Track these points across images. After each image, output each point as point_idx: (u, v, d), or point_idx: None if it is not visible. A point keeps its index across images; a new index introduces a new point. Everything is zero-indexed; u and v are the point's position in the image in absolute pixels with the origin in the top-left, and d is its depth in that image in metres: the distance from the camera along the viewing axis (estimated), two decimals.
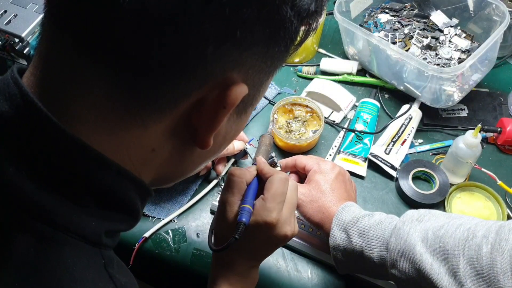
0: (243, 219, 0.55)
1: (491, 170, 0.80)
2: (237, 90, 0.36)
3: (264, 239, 0.58)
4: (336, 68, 1.01)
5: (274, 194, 0.57)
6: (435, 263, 0.55)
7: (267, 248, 0.61)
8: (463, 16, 0.99)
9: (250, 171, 0.61)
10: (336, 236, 0.65)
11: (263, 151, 0.72)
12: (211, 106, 0.36)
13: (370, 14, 1.04)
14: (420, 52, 0.93)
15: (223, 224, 0.58)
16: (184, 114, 0.36)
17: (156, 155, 0.39)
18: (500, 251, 0.50)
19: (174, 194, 0.83)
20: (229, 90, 0.35)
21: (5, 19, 0.88)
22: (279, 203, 0.57)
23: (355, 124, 0.92)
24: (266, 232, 0.57)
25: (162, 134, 0.37)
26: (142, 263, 0.77)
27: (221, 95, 0.36)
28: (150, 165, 0.40)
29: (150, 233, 0.78)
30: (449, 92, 0.90)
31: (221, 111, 0.36)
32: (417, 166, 0.85)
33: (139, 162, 0.38)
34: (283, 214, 0.58)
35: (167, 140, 0.38)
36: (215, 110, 0.36)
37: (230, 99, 0.36)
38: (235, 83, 0.36)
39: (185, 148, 0.40)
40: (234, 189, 0.58)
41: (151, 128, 0.36)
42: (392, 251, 0.59)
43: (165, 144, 0.38)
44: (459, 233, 0.55)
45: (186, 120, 0.37)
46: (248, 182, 0.60)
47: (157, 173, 0.41)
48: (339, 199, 0.69)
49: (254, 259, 0.62)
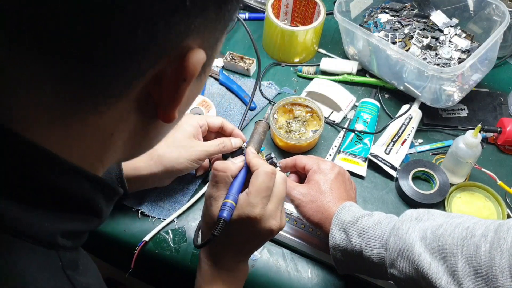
0: (224, 214, 0.54)
1: (491, 170, 0.80)
2: (195, 58, 0.33)
3: (249, 234, 0.58)
4: (336, 68, 1.01)
5: (258, 188, 0.57)
6: (434, 262, 0.55)
7: (253, 243, 0.61)
8: (463, 16, 0.99)
9: (235, 163, 0.60)
10: (336, 236, 0.65)
11: (255, 140, 0.70)
12: (170, 81, 0.34)
13: (370, 14, 1.04)
14: (420, 52, 0.93)
15: (209, 219, 0.58)
16: (141, 92, 0.34)
17: (116, 138, 0.37)
18: (499, 250, 0.50)
19: (174, 194, 0.83)
20: (187, 61, 0.33)
21: None
22: (263, 197, 0.57)
23: (355, 124, 0.92)
24: (250, 227, 0.57)
25: (120, 117, 0.35)
26: (142, 263, 0.77)
27: (179, 68, 0.33)
28: (111, 149, 0.37)
29: (150, 236, 0.78)
30: (449, 92, 0.90)
31: (182, 84, 0.34)
32: (417, 166, 0.85)
33: (98, 151, 0.37)
34: (268, 209, 0.57)
35: (126, 121, 0.36)
36: (176, 84, 0.34)
37: (189, 69, 0.34)
38: (191, 51, 0.33)
39: (148, 124, 0.38)
40: (219, 184, 0.58)
41: (107, 113, 0.34)
42: (391, 250, 0.59)
43: (124, 126, 0.36)
44: (457, 232, 0.55)
45: (145, 97, 0.35)
46: (233, 175, 0.59)
47: (122, 153, 0.39)
48: (338, 199, 0.69)
49: (240, 254, 0.62)
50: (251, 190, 0.57)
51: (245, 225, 0.57)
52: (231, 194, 0.57)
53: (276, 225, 0.58)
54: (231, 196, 0.57)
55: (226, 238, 0.55)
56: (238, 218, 0.56)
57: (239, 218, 0.56)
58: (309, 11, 1.04)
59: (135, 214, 0.81)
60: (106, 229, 0.79)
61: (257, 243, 0.62)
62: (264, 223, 0.57)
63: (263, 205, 0.57)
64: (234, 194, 0.57)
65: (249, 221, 0.56)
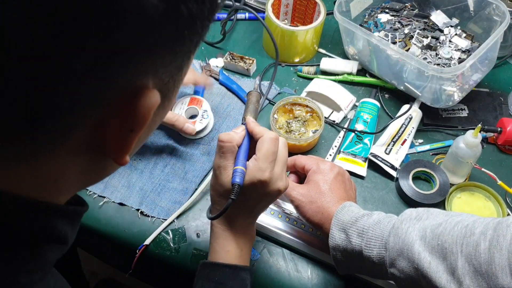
0: (237, 180, 0.58)
1: (491, 170, 0.80)
2: (144, 105, 0.30)
3: (260, 196, 0.62)
4: (336, 68, 1.01)
5: (266, 154, 0.60)
6: (434, 261, 0.55)
7: (263, 204, 0.65)
8: (463, 16, 0.99)
9: (238, 132, 0.64)
10: (335, 236, 0.65)
11: (251, 110, 0.71)
12: (115, 131, 0.31)
13: (370, 14, 1.04)
14: (420, 52, 0.93)
15: (219, 188, 0.61)
16: (84, 139, 0.31)
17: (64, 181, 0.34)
18: (498, 248, 0.50)
19: (174, 194, 0.84)
20: (134, 109, 0.30)
21: None
22: (270, 162, 0.61)
23: (355, 124, 0.92)
24: (261, 189, 0.61)
25: (61, 165, 0.32)
26: (142, 264, 0.77)
27: (125, 116, 0.30)
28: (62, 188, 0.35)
29: (150, 239, 0.78)
30: (449, 92, 0.90)
31: (128, 134, 0.31)
32: (417, 166, 0.85)
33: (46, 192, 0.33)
34: (275, 172, 0.61)
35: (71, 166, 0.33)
36: (122, 134, 0.31)
37: (137, 119, 0.30)
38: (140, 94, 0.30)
39: (98, 162, 0.35)
40: (226, 154, 0.61)
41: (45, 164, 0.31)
42: (391, 250, 0.59)
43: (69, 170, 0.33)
44: (457, 231, 0.55)
45: (91, 142, 0.31)
46: (238, 144, 0.62)
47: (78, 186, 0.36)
48: (338, 199, 0.69)
49: (250, 216, 0.65)
50: (259, 156, 0.61)
51: (256, 189, 0.60)
52: (240, 161, 0.61)
53: (283, 185, 0.62)
54: (240, 163, 0.61)
55: (238, 203, 0.59)
56: (249, 183, 0.60)
57: (250, 182, 0.60)
58: (309, 11, 1.04)
59: (135, 214, 0.81)
60: (106, 229, 0.79)
61: (266, 204, 0.66)
62: (273, 185, 0.61)
63: (271, 169, 0.61)
64: (242, 160, 0.61)
65: (260, 184, 0.60)
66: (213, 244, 0.65)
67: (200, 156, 0.88)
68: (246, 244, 0.66)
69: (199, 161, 0.87)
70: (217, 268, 0.62)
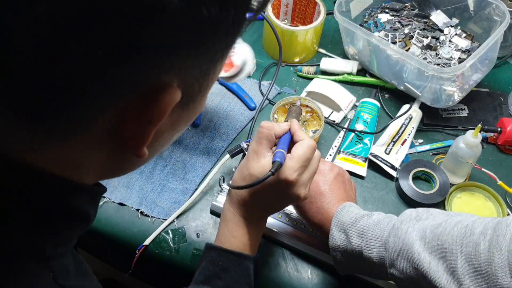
0: (278, 159, 0.59)
1: (491, 170, 0.80)
2: (164, 100, 0.32)
3: (280, 195, 0.62)
4: (336, 68, 1.01)
5: (301, 156, 0.60)
6: (433, 261, 0.55)
7: (279, 204, 0.66)
8: (463, 16, 0.99)
9: (280, 125, 0.64)
10: (335, 237, 0.65)
11: (291, 116, 0.80)
12: (134, 122, 0.32)
13: (370, 14, 1.04)
14: (420, 52, 0.93)
15: (245, 171, 0.62)
16: (107, 129, 0.33)
17: (86, 167, 0.36)
18: (498, 248, 0.50)
19: (174, 194, 0.83)
20: (154, 103, 0.31)
21: None
22: (302, 166, 0.61)
23: (355, 124, 0.92)
24: (284, 189, 0.61)
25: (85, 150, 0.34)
26: (142, 264, 0.77)
27: (143, 110, 0.32)
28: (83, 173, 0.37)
29: (150, 239, 0.78)
30: (449, 92, 0.90)
31: (146, 126, 0.33)
32: (417, 166, 0.85)
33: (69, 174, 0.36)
34: (303, 177, 0.61)
35: (94, 153, 0.35)
36: (140, 126, 0.33)
37: (155, 112, 0.32)
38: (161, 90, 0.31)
39: (120, 156, 0.37)
40: (262, 140, 0.62)
41: (70, 146, 0.33)
42: (391, 250, 0.59)
43: (93, 157, 0.35)
44: (456, 231, 0.55)
45: (111, 134, 0.33)
46: (277, 135, 0.64)
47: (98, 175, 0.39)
48: (338, 200, 0.69)
49: (265, 211, 0.66)
50: (294, 155, 0.61)
51: (280, 186, 0.60)
52: (281, 146, 0.62)
53: (304, 194, 0.62)
54: (281, 147, 0.62)
55: (258, 194, 0.61)
56: (276, 178, 0.60)
57: (277, 178, 0.60)
58: (309, 11, 1.04)
59: (135, 214, 0.81)
60: (106, 229, 0.79)
61: (283, 205, 0.67)
62: (296, 189, 0.61)
63: (300, 172, 0.61)
64: (283, 147, 0.62)
65: (285, 183, 0.60)
66: (222, 227, 0.66)
67: (200, 156, 0.88)
68: (254, 234, 0.66)
69: (199, 161, 0.87)
70: (222, 254, 0.63)
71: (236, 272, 0.62)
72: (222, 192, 0.82)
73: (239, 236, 0.64)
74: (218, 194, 0.82)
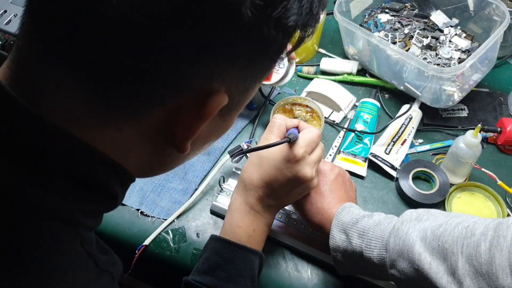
0: (292, 133, 0.64)
1: (491, 170, 0.80)
2: (215, 101, 0.36)
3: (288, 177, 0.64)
4: (336, 68, 1.01)
5: (308, 138, 0.65)
6: (434, 262, 0.55)
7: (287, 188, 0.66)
8: (463, 16, 0.99)
9: (292, 120, 0.70)
10: (336, 238, 0.65)
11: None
12: (187, 116, 0.36)
13: (370, 14, 1.04)
14: (420, 52, 0.93)
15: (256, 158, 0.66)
16: (160, 120, 0.36)
17: (133, 155, 0.39)
18: (499, 248, 0.50)
19: (174, 194, 0.83)
20: (206, 102, 0.35)
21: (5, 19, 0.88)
22: (308, 146, 0.65)
23: (355, 124, 0.92)
24: (292, 167, 0.64)
25: (138, 137, 0.37)
26: (142, 264, 0.77)
27: (198, 106, 0.36)
28: (126, 162, 0.40)
29: (150, 239, 0.78)
30: (449, 92, 0.90)
31: (196, 121, 0.37)
32: (417, 166, 0.85)
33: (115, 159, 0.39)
34: (309, 157, 0.65)
35: (143, 142, 0.38)
36: (191, 120, 0.37)
37: (206, 110, 0.36)
38: (213, 93, 0.35)
39: (163, 150, 0.41)
40: (273, 129, 0.67)
41: (126, 131, 0.36)
42: (391, 251, 0.59)
43: (141, 146, 0.39)
44: (457, 231, 0.55)
45: (163, 125, 0.37)
46: (288, 127, 0.68)
47: (136, 168, 0.42)
48: (338, 201, 0.69)
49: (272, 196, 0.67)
50: (300, 136, 0.65)
51: (288, 162, 0.64)
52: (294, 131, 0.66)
53: (310, 173, 0.65)
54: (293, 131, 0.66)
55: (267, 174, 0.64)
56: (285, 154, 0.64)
57: (286, 154, 0.64)
58: None
59: (135, 214, 0.81)
60: (106, 229, 0.79)
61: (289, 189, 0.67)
62: (303, 166, 0.64)
63: (307, 151, 0.65)
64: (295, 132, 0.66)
65: (293, 157, 0.64)
66: (228, 217, 0.67)
67: (200, 156, 0.88)
68: (260, 226, 0.67)
69: (199, 161, 0.87)
70: (227, 246, 0.64)
71: (240, 264, 0.63)
72: (222, 192, 0.82)
73: (244, 226, 0.65)
74: (218, 194, 0.82)
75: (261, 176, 0.65)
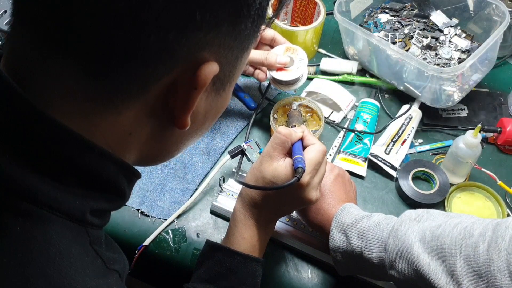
0: (300, 165, 0.60)
1: (491, 170, 0.80)
2: (206, 70, 0.37)
3: (292, 198, 0.64)
4: (336, 68, 1.01)
5: (313, 160, 0.63)
6: (433, 263, 0.55)
7: (290, 207, 0.67)
8: (463, 16, 0.99)
9: (296, 132, 0.66)
10: (336, 238, 0.65)
11: (297, 120, 0.81)
12: (183, 88, 0.37)
13: (370, 14, 1.04)
14: (420, 52, 0.93)
15: (258, 174, 0.64)
16: (158, 97, 0.37)
17: (135, 138, 0.40)
18: (497, 249, 0.50)
19: (174, 194, 0.84)
20: (199, 71, 0.36)
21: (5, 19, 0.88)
22: (314, 169, 0.63)
23: (355, 124, 0.92)
24: (296, 191, 0.62)
25: (138, 118, 0.38)
26: (142, 263, 0.77)
27: (191, 77, 0.37)
28: (130, 147, 0.41)
29: (150, 239, 0.78)
30: (449, 92, 0.90)
31: (193, 92, 0.38)
32: (417, 166, 0.85)
33: (118, 146, 0.40)
34: (314, 180, 0.63)
35: (144, 123, 0.39)
36: (187, 91, 0.37)
37: (200, 79, 0.37)
38: (204, 63, 0.36)
39: (164, 129, 0.41)
40: (278, 146, 0.64)
41: (125, 113, 0.37)
42: (390, 252, 0.59)
43: (142, 127, 0.39)
44: (456, 232, 0.55)
45: (162, 103, 0.38)
46: (292, 142, 0.65)
47: (140, 154, 0.42)
48: (338, 201, 0.69)
49: (276, 214, 0.68)
50: (306, 159, 0.63)
51: (293, 189, 0.62)
52: (299, 153, 0.63)
53: (315, 197, 0.64)
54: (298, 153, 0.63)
55: (271, 196, 0.63)
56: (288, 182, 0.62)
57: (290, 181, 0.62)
58: (309, 11, 1.04)
59: (135, 214, 0.81)
60: (106, 229, 0.79)
61: (294, 208, 0.68)
62: (307, 192, 0.63)
63: (312, 176, 0.63)
64: (302, 154, 0.63)
65: (298, 185, 0.62)
66: (232, 228, 0.67)
67: (200, 156, 0.88)
68: (262, 237, 0.67)
69: (199, 161, 0.88)
70: (230, 255, 0.64)
71: (242, 273, 0.63)
72: (222, 192, 0.82)
73: (249, 237, 0.65)
74: (218, 194, 0.82)
75: (265, 199, 0.64)
